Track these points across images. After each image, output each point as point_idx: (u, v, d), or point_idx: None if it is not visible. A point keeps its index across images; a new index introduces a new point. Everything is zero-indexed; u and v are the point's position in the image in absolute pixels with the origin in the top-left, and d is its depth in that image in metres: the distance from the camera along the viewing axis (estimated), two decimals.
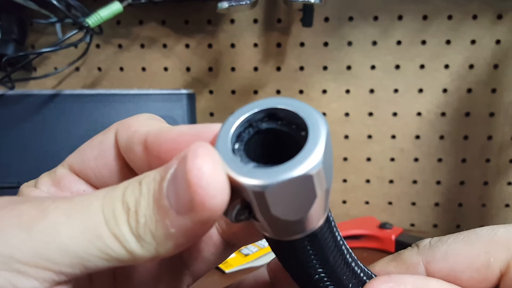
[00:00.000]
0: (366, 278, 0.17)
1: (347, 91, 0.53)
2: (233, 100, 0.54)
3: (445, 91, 0.52)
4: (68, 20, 0.43)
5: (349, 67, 0.52)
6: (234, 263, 0.42)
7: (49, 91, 0.42)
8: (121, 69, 0.54)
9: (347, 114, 0.53)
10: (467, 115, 0.52)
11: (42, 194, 0.17)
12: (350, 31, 0.51)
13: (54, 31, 0.48)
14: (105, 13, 0.41)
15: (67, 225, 0.13)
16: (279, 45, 0.52)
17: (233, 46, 0.53)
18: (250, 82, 0.53)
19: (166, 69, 0.54)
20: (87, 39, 0.43)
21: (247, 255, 0.43)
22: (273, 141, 0.15)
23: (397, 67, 0.52)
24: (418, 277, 0.16)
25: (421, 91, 0.52)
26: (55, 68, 0.54)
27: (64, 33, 0.46)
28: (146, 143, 0.16)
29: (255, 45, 0.52)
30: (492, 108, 0.51)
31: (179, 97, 0.43)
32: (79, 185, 0.18)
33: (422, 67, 0.51)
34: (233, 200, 0.13)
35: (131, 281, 0.19)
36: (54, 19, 0.45)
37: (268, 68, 0.53)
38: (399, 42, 0.51)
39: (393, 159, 0.54)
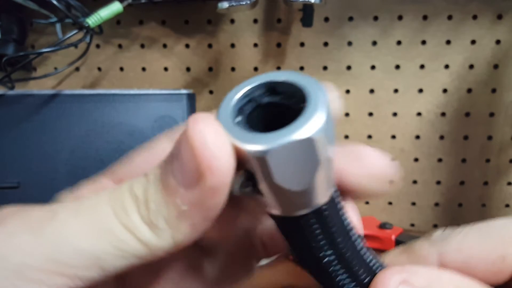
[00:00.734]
0: (376, 268, 0.16)
1: (347, 91, 0.53)
2: None
3: (445, 91, 0.52)
4: (68, 20, 0.43)
5: (349, 67, 0.52)
6: None
7: (49, 91, 0.42)
8: (121, 69, 0.54)
9: (347, 114, 0.53)
10: (467, 115, 0.52)
11: None
12: (350, 31, 0.51)
13: (54, 31, 0.48)
14: (105, 13, 0.41)
15: (75, 222, 0.13)
16: (279, 45, 0.52)
17: (233, 46, 0.53)
18: None
19: (166, 69, 0.54)
20: (87, 39, 0.43)
21: None
22: (275, 114, 0.14)
23: (397, 67, 0.52)
24: (432, 268, 0.16)
25: (421, 91, 0.52)
26: (55, 68, 0.54)
27: (64, 33, 0.46)
28: None
29: (255, 45, 0.52)
30: (492, 108, 0.51)
31: (179, 97, 0.43)
32: None
33: (422, 67, 0.51)
34: (236, 171, 0.13)
35: None
36: (54, 19, 0.45)
37: (268, 68, 0.53)
38: (399, 42, 0.51)
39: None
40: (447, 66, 0.51)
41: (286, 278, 0.20)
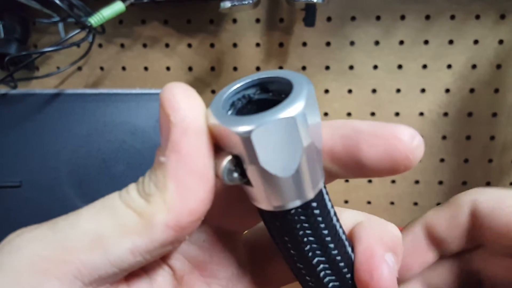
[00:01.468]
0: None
1: (349, 91, 0.53)
2: None
3: (447, 91, 0.52)
4: (70, 20, 0.43)
5: (351, 67, 0.52)
6: None
7: (52, 91, 0.42)
8: (123, 68, 0.54)
9: (349, 114, 0.53)
10: (470, 115, 0.52)
11: None
12: (353, 31, 0.51)
13: (56, 31, 0.48)
14: (107, 12, 0.41)
15: (86, 210, 0.14)
16: (281, 44, 0.52)
17: (235, 45, 0.53)
18: None
19: (168, 68, 0.54)
20: (90, 38, 0.43)
21: None
22: (264, 109, 0.15)
23: (400, 67, 0.51)
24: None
25: (423, 91, 0.52)
26: (58, 68, 0.54)
27: (66, 32, 0.47)
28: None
29: (257, 44, 0.52)
30: (494, 108, 0.51)
31: None
32: None
33: (425, 67, 0.51)
34: (223, 156, 0.14)
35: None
36: (57, 18, 0.45)
37: (271, 67, 0.53)
38: (402, 42, 0.51)
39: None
40: (449, 66, 0.51)
41: None
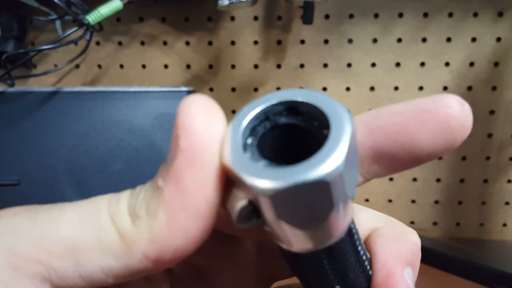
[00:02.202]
0: None
1: (348, 89, 0.53)
2: (233, 97, 0.54)
3: (445, 89, 0.52)
4: (68, 17, 0.43)
5: (349, 65, 0.52)
6: None
7: (49, 88, 0.42)
8: (121, 66, 0.54)
9: None
10: None
11: None
12: (351, 29, 0.51)
13: (54, 28, 0.48)
14: (105, 10, 0.41)
15: (70, 210, 0.13)
16: (279, 42, 0.52)
17: (233, 43, 0.52)
18: (250, 80, 0.53)
19: (166, 66, 0.54)
20: (87, 36, 0.43)
21: None
22: (292, 138, 0.13)
23: (398, 64, 0.51)
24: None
25: (421, 89, 0.52)
26: (55, 65, 0.54)
27: (64, 30, 0.46)
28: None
29: (255, 42, 0.52)
30: (492, 106, 0.51)
31: (179, 94, 0.43)
32: None
33: (423, 64, 0.51)
34: (237, 198, 0.12)
35: None
36: (54, 16, 0.45)
37: (269, 65, 0.53)
38: (400, 39, 0.51)
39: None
40: (447, 64, 0.51)
41: None
